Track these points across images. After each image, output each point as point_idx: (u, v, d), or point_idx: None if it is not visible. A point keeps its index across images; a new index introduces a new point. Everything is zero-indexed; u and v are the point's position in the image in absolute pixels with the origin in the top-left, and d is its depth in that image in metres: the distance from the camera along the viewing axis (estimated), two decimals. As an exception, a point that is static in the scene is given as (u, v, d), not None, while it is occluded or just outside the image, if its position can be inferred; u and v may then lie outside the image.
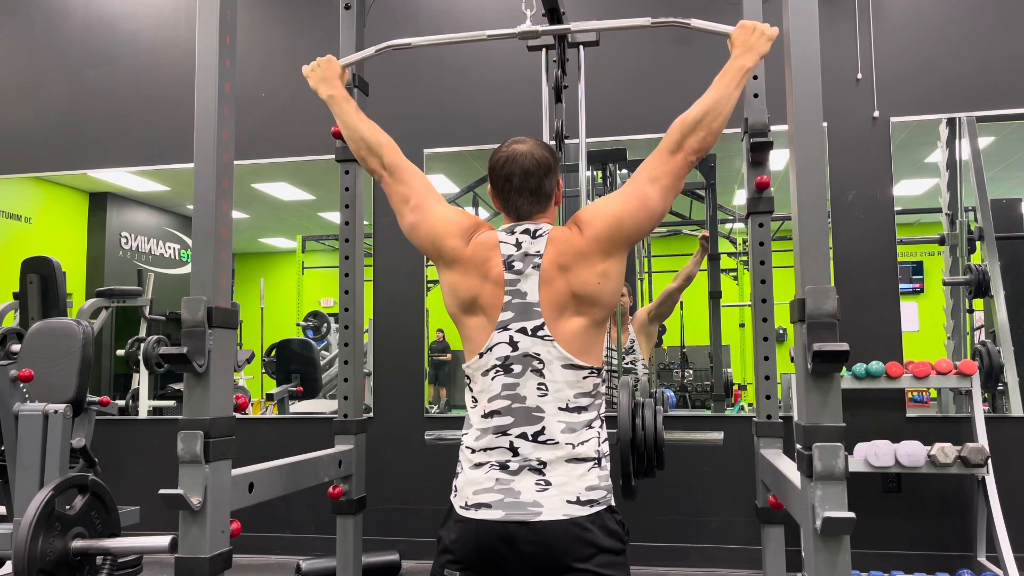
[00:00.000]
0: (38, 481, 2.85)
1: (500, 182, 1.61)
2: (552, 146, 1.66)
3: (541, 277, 1.53)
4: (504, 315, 1.53)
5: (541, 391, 1.50)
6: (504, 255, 1.56)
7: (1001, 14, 4.03)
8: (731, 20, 1.86)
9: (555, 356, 1.51)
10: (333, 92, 1.91)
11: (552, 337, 1.51)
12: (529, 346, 1.52)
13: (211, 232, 1.81)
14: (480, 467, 1.49)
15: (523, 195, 1.59)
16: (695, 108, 1.60)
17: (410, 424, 4.33)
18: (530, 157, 1.59)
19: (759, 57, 1.70)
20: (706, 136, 1.58)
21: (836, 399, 1.62)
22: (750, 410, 4.49)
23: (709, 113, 1.58)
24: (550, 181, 1.62)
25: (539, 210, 1.62)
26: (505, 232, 1.61)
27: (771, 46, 1.72)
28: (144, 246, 6.49)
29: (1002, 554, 3.34)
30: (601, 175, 4.83)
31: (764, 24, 1.72)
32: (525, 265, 1.55)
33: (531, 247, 1.56)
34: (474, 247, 1.59)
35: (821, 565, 1.57)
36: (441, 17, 4.55)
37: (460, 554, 1.45)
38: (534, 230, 1.59)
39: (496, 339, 1.53)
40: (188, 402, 1.77)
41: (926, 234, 4.57)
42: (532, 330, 1.52)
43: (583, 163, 2.67)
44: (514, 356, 1.52)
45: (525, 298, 1.53)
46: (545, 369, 1.51)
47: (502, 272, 1.55)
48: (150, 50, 4.87)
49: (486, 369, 1.54)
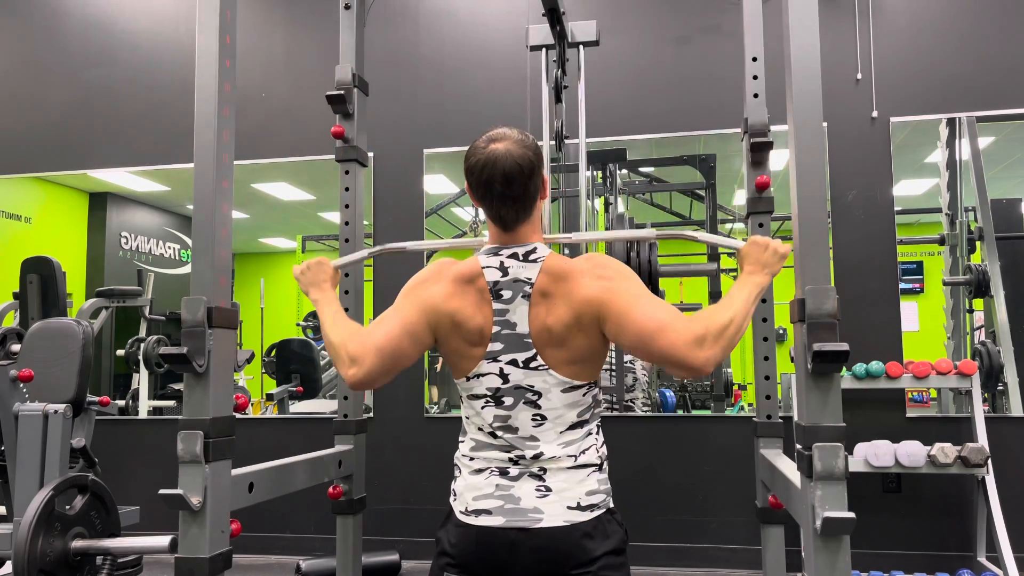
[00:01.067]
0: (38, 481, 2.85)
1: (480, 189, 1.47)
2: (532, 139, 1.50)
3: (531, 306, 1.44)
4: (493, 346, 1.45)
5: (536, 422, 1.45)
6: (490, 281, 1.46)
7: (1001, 14, 4.03)
8: (731, 20, 1.85)
9: (552, 384, 1.45)
10: (319, 296, 1.76)
11: (547, 366, 1.44)
12: (521, 379, 1.45)
13: (211, 232, 1.81)
14: (480, 472, 1.48)
15: (506, 204, 1.46)
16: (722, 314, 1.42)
17: (410, 424, 4.34)
18: (511, 160, 1.43)
19: (772, 276, 1.60)
20: (726, 350, 1.40)
21: (836, 399, 1.62)
22: (750, 410, 4.49)
23: (733, 324, 1.41)
24: (534, 183, 1.48)
25: (525, 216, 1.49)
26: (487, 254, 1.49)
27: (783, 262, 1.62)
28: (144, 246, 6.49)
29: (1002, 554, 3.34)
30: (601, 175, 4.83)
31: (776, 241, 1.61)
32: (514, 293, 1.45)
33: (521, 272, 1.46)
34: (450, 294, 1.48)
35: (821, 565, 1.57)
36: (441, 18, 4.55)
37: (460, 559, 1.45)
38: (524, 253, 1.48)
39: (485, 368, 1.47)
40: (188, 402, 1.77)
41: (926, 234, 4.58)
42: (524, 362, 1.45)
43: (583, 163, 2.67)
44: (505, 388, 1.46)
45: (515, 329, 1.45)
46: (542, 399, 1.45)
47: (490, 299, 1.46)
48: (150, 50, 4.88)
49: (474, 394, 1.49)
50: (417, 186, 4.51)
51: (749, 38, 2.56)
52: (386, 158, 4.51)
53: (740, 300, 1.48)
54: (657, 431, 4.17)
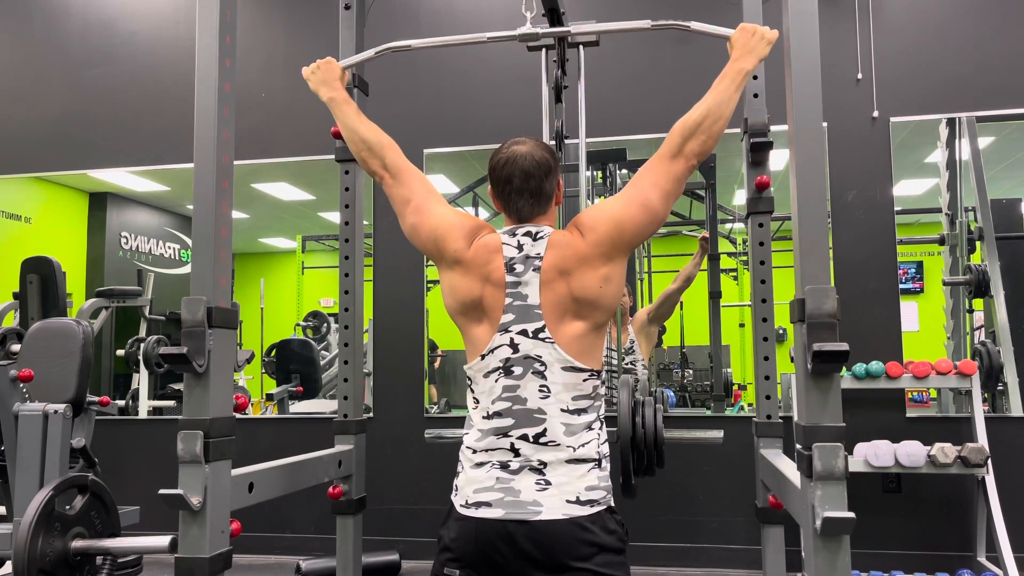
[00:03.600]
0: (38, 481, 2.85)
1: (500, 184, 1.60)
2: (552, 147, 1.67)
3: (542, 280, 1.53)
4: (505, 317, 1.53)
5: (543, 393, 1.50)
6: (506, 257, 1.56)
7: (1001, 14, 4.03)
8: (731, 20, 1.86)
9: (555, 358, 1.51)
10: (333, 94, 1.91)
11: (553, 339, 1.51)
12: (530, 348, 1.52)
13: (211, 232, 1.81)
14: (481, 466, 1.50)
15: (523, 197, 1.59)
16: (695, 111, 1.60)
17: (410, 424, 4.34)
18: (530, 158, 1.58)
19: (758, 60, 1.70)
20: (706, 140, 1.58)
21: (836, 399, 1.62)
22: (750, 410, 4.49)
23: (709, 116, 1.58)
24: (550, 182, 1.61)
25: (540, 211, 1.62)
26: (507, 234, 1.60)
27: (771, 49, 1.73)
28: (144, 246, 6.49)
29: (1002, 554, 3.34)
30: (601, 175, 4.83)
31: (764, 27, 1.72)
32: (526, 268, 1.55)
33: (532, 249, 1.56)
34: (476, 249, 1.59)
35: (821, 565, 1.57)
36: (441, 17, 4.56)
37: (460, 552, 1.46)
38: (535, 232, 1.59)
39: (498, 341, 1.54)
40: (188, 402, 1.77)
41: (926, 234, 4.57)
42: (533, 332, 1.52)
43: (583, 163, 2.67)
44: (515, 358, 1.52)
45: (526, 300, 1.53)
46: (547, 371, 1.51)
47: (503, 275, 1.55)
48: (150, 50, 4.88)
49: (488, 371, 1.55)
50: (417, 186, 4.50)
51: (749, 38, 2.55)
52: (386, 158, 4.50)
53: (720, 88, 1.63)
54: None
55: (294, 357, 6.12)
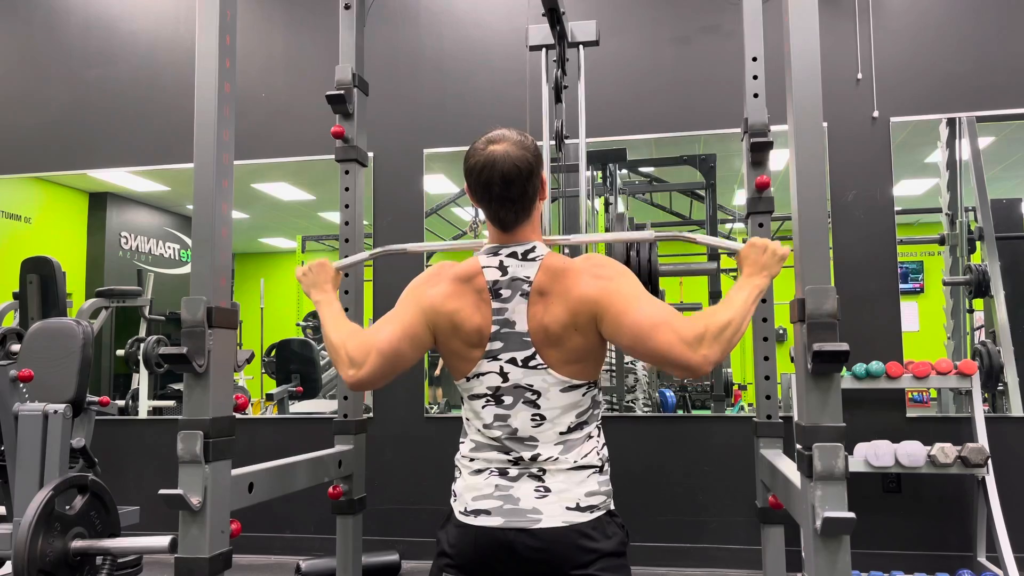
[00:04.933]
0: (38, 481, 2.85)
1: (479, 190, 1.47)
2: (531, 140, 1.50)
3: (530, 304, 1.45)
4: (493, 344, 1.46)
5: (535, 422, 1.45)
6: (488, 280, 1.47)
7: (1001, 14, 4.03)
8: (731, 20, 1.85)
9: (551, 383, 1.45)
10: (321, 297, 1.76)
11: (546, 365, 1.44)
12: (520, 377, 1.45)
13: (211, 232, 1.81)
14: (480, 473, 1.48)
15: (505, 205, 1.46)
16: (721, 315, 1.41)
17: (410, 424, 4.34)
18: (509, 162, 1.43)
19: (772, 278, 1.59)
20: (722, 353, 1.39)
21: (836, 399, 1.62)
22: (750, 410, 4.49)
23: (731, 325, 1.40)
24: (533, 184, 1.47)
25: (524, 217, 1.49)
26: (487, 254, 1.50)
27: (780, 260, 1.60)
28: (144, 246, 6.49)
29: (1002, 554, 3.34)
30: (601, 175, 4.83)
31: (775, 243, 1.59)
32: (513, 292, 1.46)
33: (520, 271, 1.46)
34: (453, 291, 1.49)
35: (821, 565, 1.57)
36: (441, 17, 4.55)
37: (459, 559, 1.45)
38: (523, 252, 1.48)
39: (485, 368, 1.47)
40: (188, 402, 1.77)
41: (926, 234, 4.57)
42: (523, 360, 1.45)
43: (583, 163, 2.67)
44: (505, 387, 1.46)
45: (514, 327, 1.45)
46: (541, 399, 1.45)
47: (489, 299, 1.47)
48: (150, 50, 4.88)
49: (475, 394, 1.50)
50: (417, 186, 4.51)
51: (749, 38, 2.56)
52: (386, 158, 4.51)
53: (739, 301, 1.47)
54: (657, 431, 4.17)
55: (294, 357, 6.12)
